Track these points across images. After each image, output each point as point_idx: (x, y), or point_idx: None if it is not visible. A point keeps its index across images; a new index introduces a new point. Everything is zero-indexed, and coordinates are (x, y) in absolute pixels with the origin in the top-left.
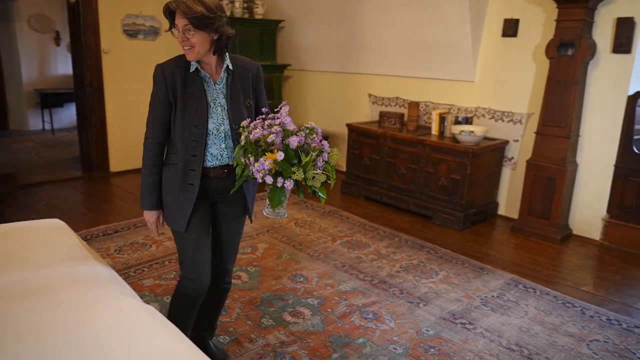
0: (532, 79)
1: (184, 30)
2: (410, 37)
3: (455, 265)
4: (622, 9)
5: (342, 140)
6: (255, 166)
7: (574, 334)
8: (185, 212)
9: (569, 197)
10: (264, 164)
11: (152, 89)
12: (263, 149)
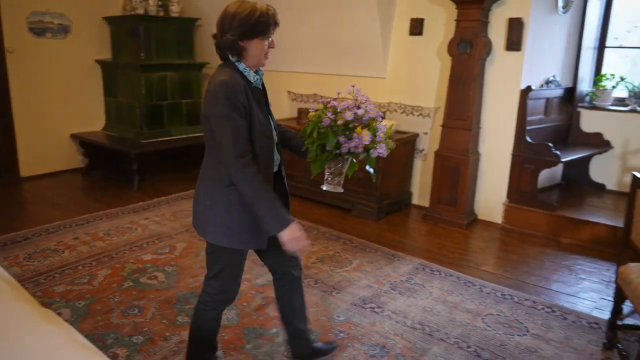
0: (438, 75)
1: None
2: (325, 36)
3: (369, 254)
4: (512, 10)
5: None
6: (352, 142)
7: (471, 310)
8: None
9: (473, 185)
10: (362, 139)
11: (224, 106)
12: (349, 127)
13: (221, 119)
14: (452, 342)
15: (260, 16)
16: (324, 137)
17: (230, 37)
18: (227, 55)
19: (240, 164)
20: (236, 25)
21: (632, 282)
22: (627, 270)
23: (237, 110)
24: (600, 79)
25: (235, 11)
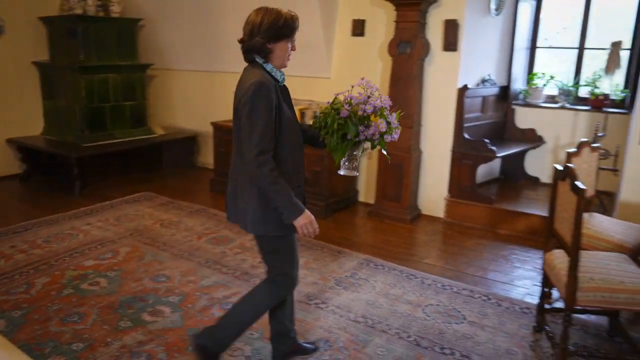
0: (380, 74)
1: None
2: None
3: (316, 252)
4: (448, 11)
5: (209, 139)
6: (370, 130)
7: (412, 302)
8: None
9: (416, 181)
10: (378, 127)
11: (256, 104)
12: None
13: (252, 116)
14: (393, 333)
15: (286, 21)
16: (344, 127)
17: (260, 39)
18: (254, 58)
19: (258, 161)
20: (265, 29)
21: (555, 267)
22: (551, 257)
23: (269, 110)
24: (533, 78)
25: (263, 17)
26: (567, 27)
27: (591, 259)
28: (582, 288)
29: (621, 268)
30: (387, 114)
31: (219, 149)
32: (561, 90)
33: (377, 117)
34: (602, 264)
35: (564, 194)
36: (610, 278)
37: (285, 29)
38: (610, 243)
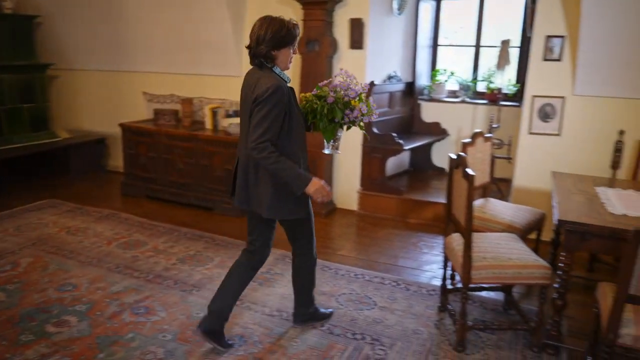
0: (291, 72)
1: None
2: (179, 35)
3: (231, 250)
4: (353, 10)
5: (118, 141)
6: (354, 113)
7: (326, 292)
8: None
9: (330, 175)
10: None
11: (271, 104)
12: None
13: (265, 113)
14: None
15: (288, 30)
16: (332, 112)
17: (264, 47)
18: (261, 62)
19: (259, 148)
20: (269, 39)
21: (453, 249)
22: (450, 240)
23: (280, 110)
24: (435, 74)
25: (267, 27)
26: (464, 26)
27: (484, 239)
28: (476, 266)
29: (510, 246)
30: (365, 98)
31: (129, 150)
32: (461, 85)
33: (358, 102)
34: (494, 243)
35: (458, 181)
36: (500, 256)
37: (287, 38)
38: (502, 224)
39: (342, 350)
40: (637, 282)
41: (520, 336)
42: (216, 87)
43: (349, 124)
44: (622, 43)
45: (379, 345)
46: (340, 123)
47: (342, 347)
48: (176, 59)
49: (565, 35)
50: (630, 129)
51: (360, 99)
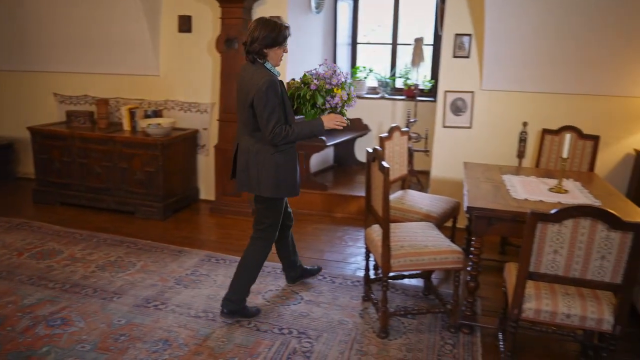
0: (211, 71)
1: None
2: (90, 33)
3: (154, 254)
4: (271, 9)
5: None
6: (335, 99)
7: (253, 290)
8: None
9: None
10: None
11: (270, 97)
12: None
13: (267, 106)
14: (234, 322)
15: (279, 31)
16: (313, 97)
17: (257, 46)
18: (255, 58)
19: (274, 133)
20: (262, 38)
21: (373, 240)
22: (370, 232)
23: (277, 99)
24: (356, 71)
25: (261, 28)
26: (381, 24)
27: (402, 229)
28: (395, 255)
29: (426, 234)
30: (347, 88)
31: (39, 155)
32: (380, 82)
33: (339, 90)
34: (411, 232)
35: (375, 174)
36: (417, 244)
37: (279, 38)
38: (420, 214)
39: (270, 346)
40: (536, 260)
41: (439, 319)
42: (133, 86)
43: (331, 109)
44: (523, 42)
45: (306, 338)
46: (322, 108)
47: (269, 342)
48: (88, 57)
49: (472, 33)
50: (533, 120)
51: (342, 87)
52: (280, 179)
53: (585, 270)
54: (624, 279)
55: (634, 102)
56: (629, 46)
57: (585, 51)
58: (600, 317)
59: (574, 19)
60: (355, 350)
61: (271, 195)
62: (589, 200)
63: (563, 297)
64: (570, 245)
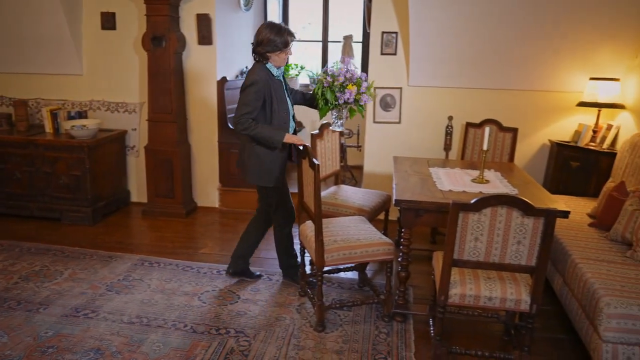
0: (138, 69)
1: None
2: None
3: (83, 261)
4: (199, 6)
5: None
6: (345, 95)
7: (189, 292)
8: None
9: (188, 174)
10: (352, 93)
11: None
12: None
13: (243, 98)
14: (169, 326)
15: (281, 36)
16: (325, 93)
17: (261, 49)
18: (258, 58)
19: (240, 122)
20: (266, 43)
21: (307, 236)
22: (303, 228)
23: (255, 97)
24: (287, 69)
25: (266, 33)
26: (312, 22)
27: (335, 224)
28: (328, 250)
29: (358, 228)
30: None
31: None
32: (312, 79)
33: (352, 86)
34: (344, 227)
35: (306, 171)
36: (349, 237)
37: (279, 43)
38: (353, 209)
39: (206, 348)
40: (459, 248)
41: (373, 309)
42: (55, 86)
43: (343, 105)
44: (446, 40)
45: (243, 336)
46: (333, 104)
47: (206, 344)
48: (4, 56)
49: (398, 31)
50: (458, 114)
51: (357, 83)
52: (261, 168)
53: (504, 255)
54: (538, 261)
55: (548, 95)
56: (542, 45)
57: (503, 49)
58: (519, 298)
59: (491, 18)
60: (293, 346)
61: (255, 182)
62: (508, 189)
63: (485, 282)
64: (490, 232)
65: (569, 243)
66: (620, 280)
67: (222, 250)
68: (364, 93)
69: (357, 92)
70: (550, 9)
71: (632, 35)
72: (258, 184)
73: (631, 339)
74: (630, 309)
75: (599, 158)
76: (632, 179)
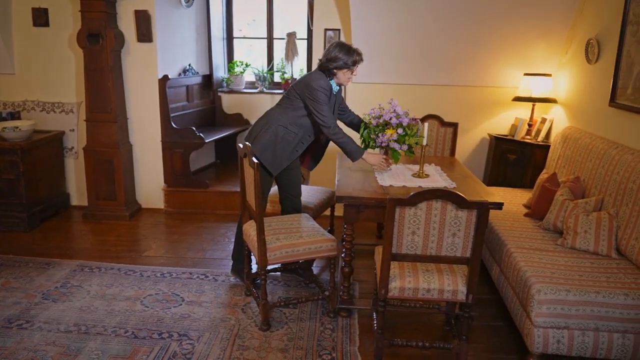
0: (74, 68)
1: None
2: None
3: (18, 269)
4: (138, 2)
5: None
6: (380, 138)
7: (130, 297)
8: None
9: (131, 175)
10: (388, 138)
11: (320, 93)
12: (382, 128)
13: (322, 104)
14: (109, 333)
15: (351, 56)
16: (368, 132)
17: (330, 65)
18: (326, 74)
19: (332, 123)
20: (333, 60)
21: (250, 235)
22: (247, 227)
23: (326, 98)
24: (233, 66)
25: (337, 50)
26: (256, 19)
27: (278, 222)
28: (270, 249)
29: (302, 225)
30: (400, 131)
31: None
32: (258, 76)
33: (391, 130)
34: (287, 225)
35: (247, 170)
36: (292, 235)
37: (348, 64)
38: None
39: (148, 353)
40: (397, 242)
41: (319, 306)
42: None
43: (379, 147)
44: (387, 37)
45: (187, 339)
46: (370, 144)
47: (148, 349)
48: None
49: (340, 28)
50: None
51: (401, 127)
52: (269, 145)
53: (440, 247)
54: (472, 253)
55: (486, 91)
56: (480, 42)
57: (443, 46)
58: (455, 288)
59: (431, 16)
60: (237, 346)
61: (258, 155)
62: (447, 183)
63: (424, 274)
64: (426, 226)
65: (505, 233)
66: (550, 268)
67: (167, 252)
68: (396, 141)
69: (392, 138)
70: (487, 9)
71: (562, 33)
72: (259, 158)
73: (560, 323)
74: (558, 294)
75: (534, 151)
76: (564, 170)
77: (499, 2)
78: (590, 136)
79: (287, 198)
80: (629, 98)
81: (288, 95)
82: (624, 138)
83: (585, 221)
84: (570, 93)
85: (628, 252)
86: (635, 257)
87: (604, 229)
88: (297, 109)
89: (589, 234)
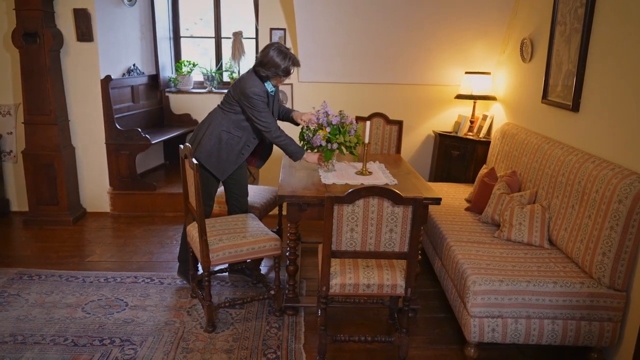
0: (10, 68)
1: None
2: None
3: None
4: (77, 0)
5: None
6: (314, 139)
7: (71, 304)
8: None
9: (74, 179)
10: (320, 138)
11: (256, 100)
12: (315, 129)
13: (260, 108)
14: (48, 342)
15: (283, 65)
16: (301, 134)
17: (262, 72)
18: (260, 76)
19: (273, 126)
20: (265, 66)
21: (193, 236)
22: (190, 228)
23: (264, 103)
24: (180, 66)
25: (271, 54)
26: (203, 18)
27: (222, 223)
28: (213, 249)
29: (246, 225)
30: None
31: None
32: (206, 76)
33: (323, 130)
34: (231, 225)
35: (188, 171)
36: (236, 235)
37: (281, 72)
38: None
39: None
40: (337, 239)
41: (266, 305)
42: None
43: (316, 147)
44: (332, 37)
45: (129, 345)
46: (306, 148)
47: (88, 356)
48: None
49: (286, 28)
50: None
51: (330, 126)
52: (214, 151)
53: (379, 243)
54: (409, 247)
55: (430, 89)
56: (423, 41)
57: (387, 46)
58: (394, 283)
59: (374, 16)
60: (182, 349)
61: (203, 161)
62: (389, 180)
63: (364, 270)
64: (364, 223)
65: (445, 227)
66: (486, 259)
67: (112, 257)
68: (327, 140)
69: (323, 137)
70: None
71: (500, 33)
72: (205, 164)
73: (494, 312)
74: (492, 284)
75: (475, 146)
76: (503, 165)
77: (439, 5)
78: (525, 132)
79: (234, 197)
80: (559, 95)
81: (227, 99)
82: (555, 133)
83: (520, 214)
84: (508, 90)
85: (559, 242)
86: (565, 246)
87: (537, 220)
88: (238, 113)
89: (524, 225)
